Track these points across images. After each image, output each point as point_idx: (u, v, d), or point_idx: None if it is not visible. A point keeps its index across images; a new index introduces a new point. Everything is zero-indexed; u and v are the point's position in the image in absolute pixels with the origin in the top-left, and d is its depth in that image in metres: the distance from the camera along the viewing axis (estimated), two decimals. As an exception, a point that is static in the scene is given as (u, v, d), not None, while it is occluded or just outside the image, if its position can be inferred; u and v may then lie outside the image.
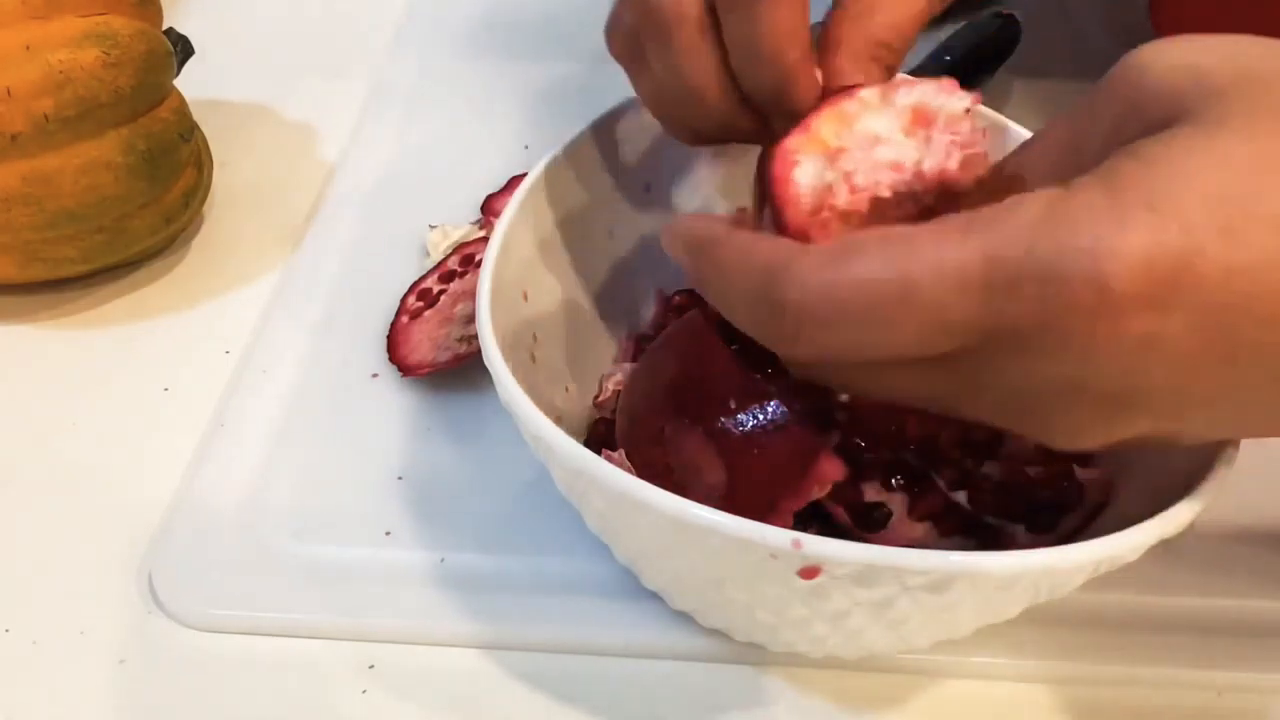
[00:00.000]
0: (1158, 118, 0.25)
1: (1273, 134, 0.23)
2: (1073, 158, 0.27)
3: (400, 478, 0.42)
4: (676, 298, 0.44)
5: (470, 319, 0.45)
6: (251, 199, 0.56)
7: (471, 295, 0.46)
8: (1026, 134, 0.40)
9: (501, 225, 0.37)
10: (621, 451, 0.35)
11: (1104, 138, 0.26)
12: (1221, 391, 0.24)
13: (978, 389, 0.26)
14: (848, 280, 0.24)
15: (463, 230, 0.51)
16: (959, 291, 0.24)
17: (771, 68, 0.32)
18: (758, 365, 0.39)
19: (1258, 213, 0.23)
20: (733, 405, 0.32)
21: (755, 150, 0.36)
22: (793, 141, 0.30)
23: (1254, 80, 0.24)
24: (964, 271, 0.24)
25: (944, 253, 0.24)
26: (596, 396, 0.42)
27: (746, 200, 0.44)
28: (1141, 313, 0.23)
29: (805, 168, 0.30)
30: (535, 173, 0.39)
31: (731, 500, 0.31)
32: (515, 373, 0.32)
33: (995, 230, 0.24)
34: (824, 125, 0.31)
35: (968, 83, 0.31)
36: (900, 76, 0.33)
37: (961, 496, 0.35)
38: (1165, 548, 0.29)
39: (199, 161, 0.51)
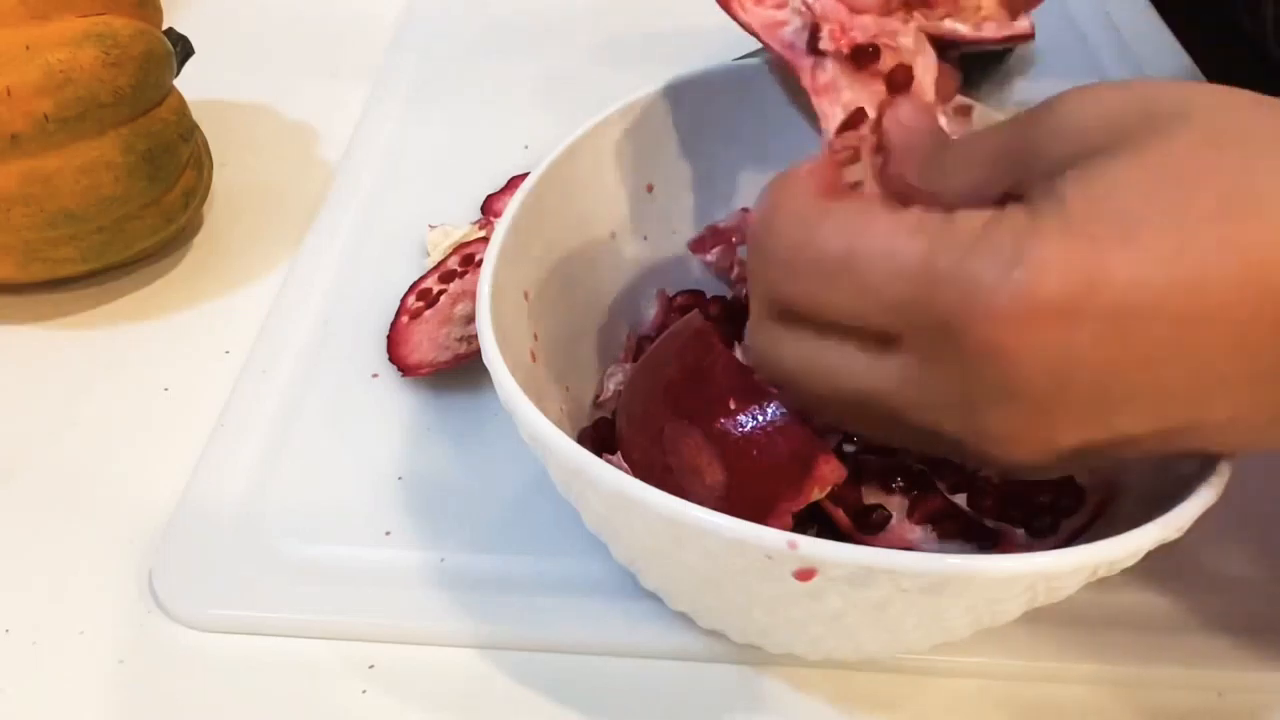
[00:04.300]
0: (1071, 152, 0.28)
1: (1160, 158, 0.27)
2: (1004, 165, 0.30)
3: (400, 478, 0.42)
4: (678, 298, 0.44)
5: (470, 319, 0.45)
6: (251, 199, 0.56)
7: (471, 295, 0.46)
8: None
9: (502, 225, 0.37)
10: (620, 452, 0.35)
11: (1030, 155, 0.30)
12: (1141, 393, 0.26)
13: (920, 388, 0.28)
14: (810, 240, 0.29)
15: (463, 230, 0.51)
16: (893, 276, 0.27)
17: None
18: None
19: (1152, 221, 0.25)
20: (732, 406, 0.32)
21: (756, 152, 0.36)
22: None
23: (1151, 116, 0.27)
24: (902, 262, 0.27)
25: (892, 242, 0.27)
26: (597, 396, 0.42)
27: (749, 202, 0.44)
28: (1055, 320, 0.25)
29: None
30: (536, 173, 0.39)
31: (730, 501, 0.31)
32: (515, 373, 0.32)
33: (939, 236, 0.27)
34: None
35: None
36: None
37: (961, 499, 0.35)
38: (1166, 548, 0.29)
39: (199, 161, 0.51)
